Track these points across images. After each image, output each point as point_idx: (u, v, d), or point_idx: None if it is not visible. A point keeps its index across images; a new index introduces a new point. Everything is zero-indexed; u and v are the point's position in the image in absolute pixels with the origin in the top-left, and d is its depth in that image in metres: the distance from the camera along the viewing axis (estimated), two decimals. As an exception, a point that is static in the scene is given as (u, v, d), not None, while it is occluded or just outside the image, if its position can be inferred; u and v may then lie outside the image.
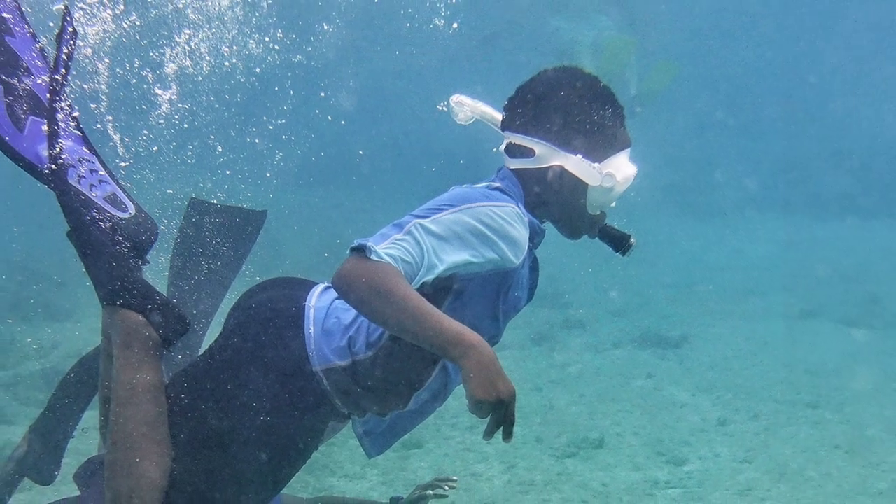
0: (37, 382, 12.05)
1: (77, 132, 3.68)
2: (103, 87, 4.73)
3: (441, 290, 3.22)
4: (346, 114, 23.30)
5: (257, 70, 9.27)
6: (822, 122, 37.06)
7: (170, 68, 8.04)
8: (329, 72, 23.14)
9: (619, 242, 3.60)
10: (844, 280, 19.55)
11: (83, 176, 3.59)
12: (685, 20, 37.44)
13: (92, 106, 4.53)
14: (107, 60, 4.79)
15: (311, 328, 3.41)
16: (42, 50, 3.71)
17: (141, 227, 3.68)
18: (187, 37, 7.71)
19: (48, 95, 3.54)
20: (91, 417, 4.29)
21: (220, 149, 9.49)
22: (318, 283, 3.64)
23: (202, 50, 7.92)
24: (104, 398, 3.67)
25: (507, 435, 2.88)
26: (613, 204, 3.53)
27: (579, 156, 3.41)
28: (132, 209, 3.70)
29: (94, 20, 5.38)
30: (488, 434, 2.88)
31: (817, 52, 45.98)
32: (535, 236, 3.45)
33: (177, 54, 7.87)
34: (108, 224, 3.56)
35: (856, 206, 27.27)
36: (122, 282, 3.49)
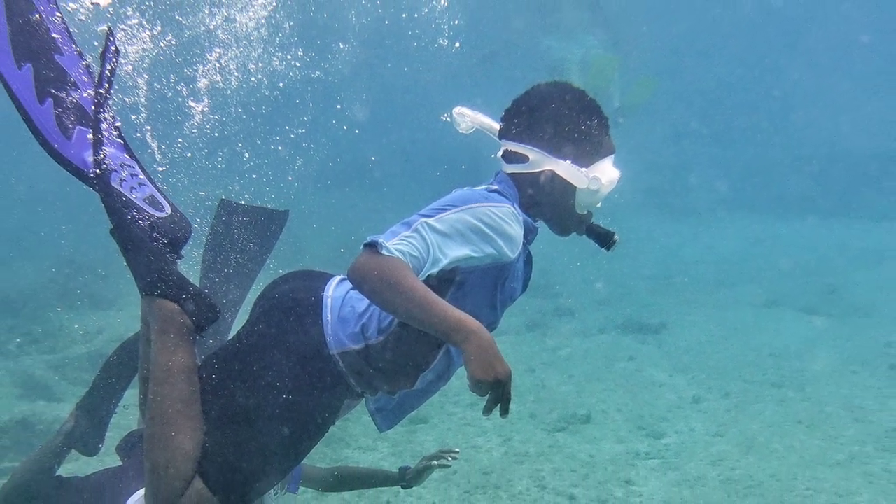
0: (83, 364, 12.07)
1: (119, 140, 3.68)
2: (142, 100, 4.73)
3: (445, 282, 3.23)
4: (359, 124, 23.28)
5: (280, 85, 9.25)
6: (785, 131, 37.15)
7: (202, 83, 8.04)
8: (344, 86, 23.13)
9: (605, 239, 3.60)
10: (805, 273, 19.55)
11: (124, 179, 3.59)
12: (663, 40, 37.54)
13: (132, 117, 4.53)
14: (145, 76, 4.79)
15: (329, 316, 3.42)
16: (88, 67, 3.71)
17: (176, 225, 3.68)
18: (218, 55, 7.70)
19: (93, 107, 3.54)
20: (131, 395, 4.29)
21: (246, 155, 9.48)
22: (334, 276, 3.64)
23: (231, 67, 7.92)
24: (143, 378, 3.67)
25: (504, 411, 2.89)
26: (599, 204, 3.53)
27: (568, 161, 3.41)
28: (168, 209, 3.70)
29: (135, 40, 5.37)
30: (487, 410, 2.88)
31: (781, 69, 46.14)
32: (529, 233, 3.46)
33: (208, 70, 7.86)
34: (147, 222, 3.56)
35: (815, 207, 27.33)
36: (160, 274, 3.49)
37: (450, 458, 4.66)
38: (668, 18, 39.39)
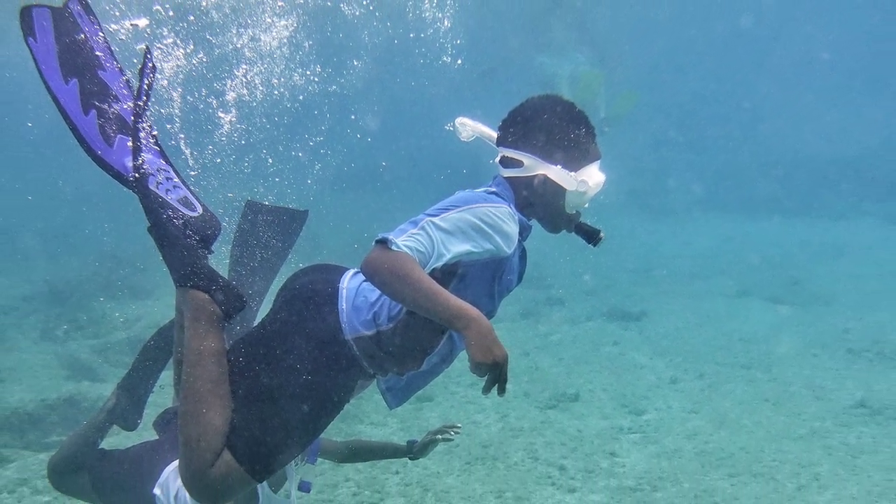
0: (123, 348, 12.08)
1: (156, 147, 3.68)
2: (177, 111, 4.72)
3: (448, 274, 3.23)
4: (371, 133, 23.29)
5: (300, 97, 9.25)
6: (753, 139, 37.20)
7: (230, 96, 8.03)
8: (358, 99, 23.14)
9: (591, 236, 3.60)
10: (771, 266, 19.56)
11: (160, 182, 3.59)
12: (644, 57, 37.57)
13: (168, 126, 4.53)
14: (179, 90, 4.79)
15: (344, 305, 3.42)
16: (128, 81, 3.71)
17: (207, 223, 3.68)
18: (244, 71, 7.70)
19: (132, 118, 3.54)
20: (167, 376, 4.29)
21: (270, 161, 9.47)
22: (349, 269, 3.64)
23: (256, 81, 7.91)
24: (177, 361, 3.67)
25: (501, 391, 2.90)
26: (586, 205, 3.53)
27: (559, 166, 3.41)
28: (200, 209, 3.70)
29: (170, 57, 5.36)
30: (486, 390, 2.89)
31: (750, 84, 46.21)
32: (524, 231, 3.46)
33: (236, 85, 7.86)
34: (181, 221, 3.56)
35: (781, 207, 27.35)
36: (192, 267, 3.49)
37: (452, 433, 4.66)
38: (648, 38, 39.40)
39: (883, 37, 46.88)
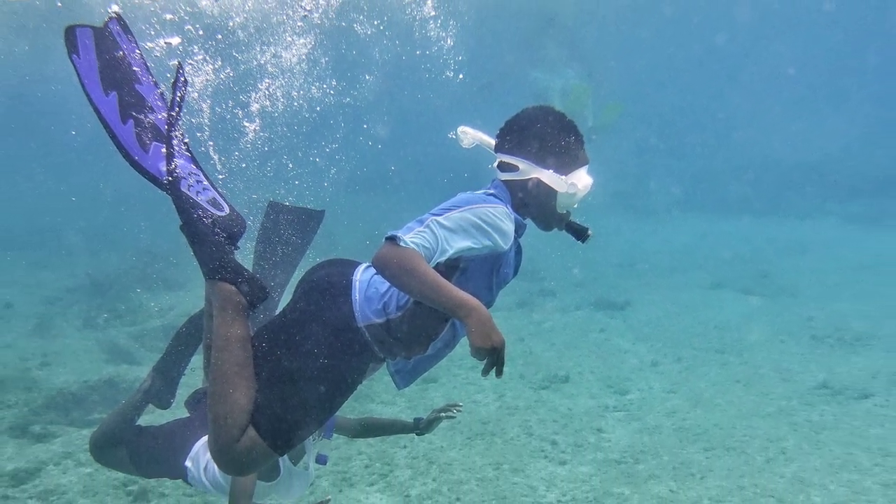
0: (158, 335, 12.09)
1: (187, 153, 3.68)
2: (206, 120, 4.72)
3: (450, 268, 3.23)
4: (381, 140, 23.29)
5: (318, 108, 9.24)
6: (727, 146, 37.29)
7: (254, 107, 8.02)
8: (369, 110, 23.13)
9: (580, 233, 3.59)
10: (742, 261, 19.58)
11: (191, 185, 3.59)
12: (628, 73, 37.60)
13: (198, 134, 4.53)
14: (208, 101, 4.78)
15: (357, 295, 3.42)
16: (162, 94, 3.70)
17: (233, 222, 3.67)
18: (267, 84, 7.69)
19: (166, 127, 3.54)
20: (197, 360, 4.29)
21: (290, 165, 9.46)
22: (361, 263, 3.63)
23: (278, 94, 7.91)
24: (206, 346, 3.67)
25: (499, 373, 2.90)
26: (576, 205, 3.52)
27: (551, 170, 3.41)
28: (227, 209, 3.70)
29: (200, 72, 5.35)
30: (485, 372, 2.89)
31: (723, 96, 46.30)
32: (519, 229, 3.45)
33: (259, 97, 7.85)
34: (210, 220, 3.56)
35: (751, 208, 27.40)
36: (220, 262, 3.49)
37: (455, 411, 4.65)
38: (631, 55, 39.45)
39: (842, 54, 47.09)
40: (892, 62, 45.29)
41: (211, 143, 4.66)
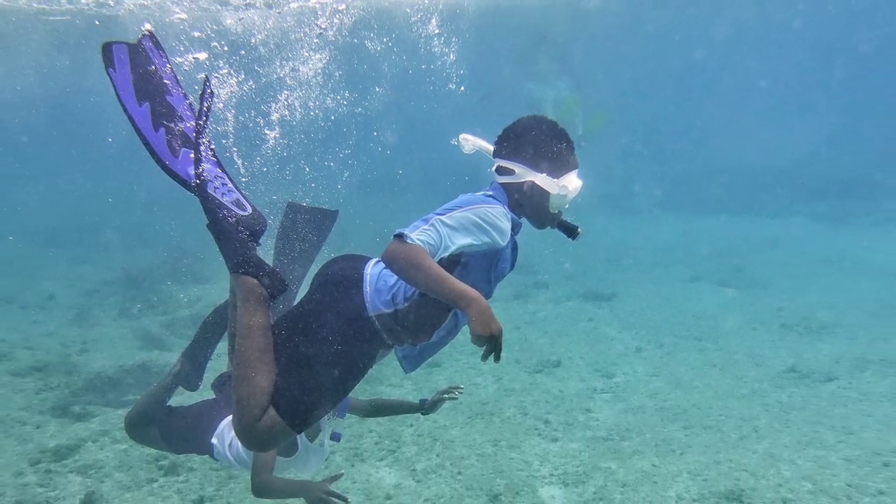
0: (186, 323, 12.11)
1: (213, 158, 3.68)
2: (230, 128, 4.72)
3: (452, 263, 3.23)
4: (390, 146, 23.29)
5: (332, 118, 9.24)
6: (705, 152, 37.37)
7: (274, 116, 8.01)
8: (379, 119, 23.14)
9: (571, 231, 3.58)
10: (719, 256, 19.55)
11: (217, 187, 3.59)
12: (614, 85, 37.60)
13: (223, 141, 4.53)
14: (233, 111, 4.78)
15: (367, 288, 3.42)
16: (190, 104, 3.70)
17: (255, 221, 3.68)
18: (286, 96, 7.69)
19: (194, 134, 3.54)
20: (222, 346, 4.30)
21: (307, 169, 9.46)
22: (371, 258, 3.63)
23: (296, 104, 7.90)
24: (231, 334, 3.67)
25: (497, 358, 2.90)
26: (567, 206, 3.52)
27: (544, 174, 3.40)
28: (250, 209, 3.70)
29: (225, 84, 5.34)
30: (484, 357, 2.89)
31: (701, 106, 46.35)
32: (515, 227, 3.45)
33: (279, 107, 7.85)
34: (234, 219, 3.56)
35: (726, 208, 27.39)
36: (243, 257, 3.50)
37: (457, 393, 4.65)
38: (617, 69, 39.42)
39: (810, 69, 47.10)
40: (855, 76, 45.33)
41: (235, 149, 4.67)
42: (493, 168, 3.56)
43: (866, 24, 37.28)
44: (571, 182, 3.47)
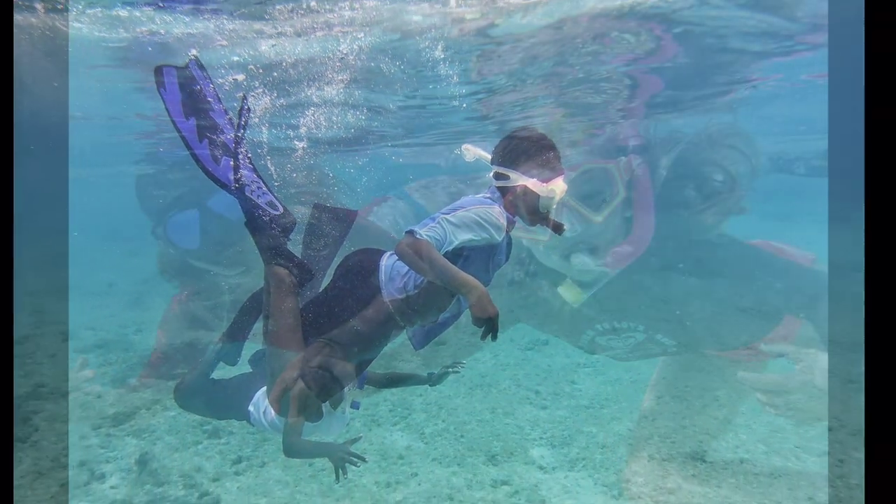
0: (227, 307, 12.12)
1: (250, 165, 3.69)
2: (265, 140, 4.72)
3: (455, 255, 3.23)
4: (401, 155, 23.29)
5: (352, 131, 9.23)
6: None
7: (302, 129, 8.00)
8: (390, 132, 23.11)
9: (557, 228, 3.58)
10: (683, 249, 19.50)
11: (253, 190, 3.61)
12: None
13: (259, 150, 4.53)
14: (267, 125, 4.78)
15: (383, 277, 3.42)
16: (230, 119, 3.71)
17: (286, 219, 3.70)
18: (313, 112, 7.68)
19: (233, 145, 3.56)
20: (258, 327, 4.30)
21: (331, 175, 9.47)
22: (386, 251, 3.64)
23: (321, 119, 7.90)
24: (265, 316, 3.67)
25: (494, 338, 2.90)
26: (555, 206, 3.52)
27: (534, 179, 3.40)
28: (281, 209, 3.72)
29: (260, 102, 5.33)
30: (483, 337, 2.90)
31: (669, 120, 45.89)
32: (510, 225, 3.45)
33: (306, 122, 7.84)
34: (268, 218, 3.58)
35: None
36: (276, 250, 3.52)
37: (459, 367, 4.65)
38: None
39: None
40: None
41: (269, 157, 4.66)
42: (491, 174, 3.56)
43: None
44: (558, 186, 3.47)
